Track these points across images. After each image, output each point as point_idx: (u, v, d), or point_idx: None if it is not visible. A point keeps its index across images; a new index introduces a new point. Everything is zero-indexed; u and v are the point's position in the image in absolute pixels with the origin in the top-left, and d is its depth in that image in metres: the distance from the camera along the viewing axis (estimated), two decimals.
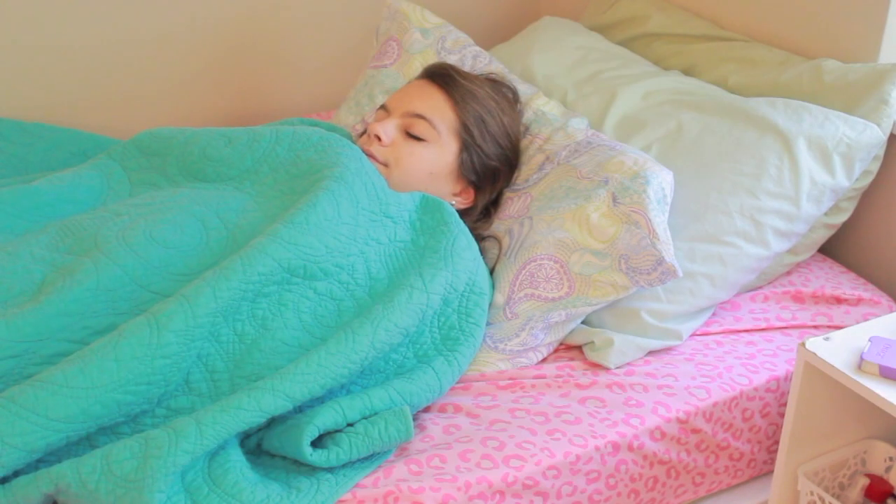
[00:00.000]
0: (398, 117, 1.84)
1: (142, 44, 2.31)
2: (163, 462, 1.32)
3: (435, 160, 1.82)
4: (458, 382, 1.65)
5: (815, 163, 1.83)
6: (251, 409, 1.39)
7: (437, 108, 1.83)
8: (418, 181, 1.81)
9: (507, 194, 1.89)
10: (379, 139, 1.81)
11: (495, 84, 1.93)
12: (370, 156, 1.80)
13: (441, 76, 1.87)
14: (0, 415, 1.33)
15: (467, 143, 1.83)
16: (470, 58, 2.10)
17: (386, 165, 1.80)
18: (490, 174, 1.86)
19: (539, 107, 1.98)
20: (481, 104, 1.85)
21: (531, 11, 2.64)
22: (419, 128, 1.81)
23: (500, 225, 1.84)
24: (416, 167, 1.81)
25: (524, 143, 1.93)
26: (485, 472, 1.46)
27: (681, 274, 1.68)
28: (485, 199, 1.87)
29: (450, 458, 1.48)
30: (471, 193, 1.86)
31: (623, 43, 2.29)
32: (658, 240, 1.67)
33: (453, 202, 1.84)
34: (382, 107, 1.88)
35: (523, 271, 1.71)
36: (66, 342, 1.45)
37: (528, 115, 1.97)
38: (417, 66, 2.09)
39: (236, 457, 1.41)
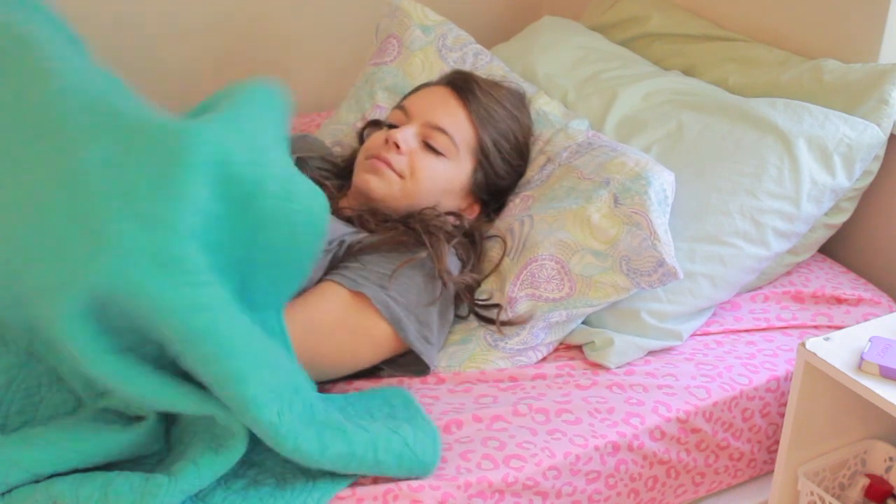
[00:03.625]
0: (418, 126, 1.81)
1: (140, 42, 2.31)
2: (159, 501, 1.31)
3: (450, 177, 1.80)
4: (458, 382, 1.65)
5: (816, 163, 1.83)
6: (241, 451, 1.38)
7: (459, 123, 1.81)
8: (431, 196, 1.79)
9: (511, 198, 1.88)
10: (397, 147, 1.78)
11: (513, 96, 1.91)
12: (386, 163, 1.77)
13: (465, 90, 1.84)
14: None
15: (482, 164, 1.82)
16: (471, 55, 2.10)
17: (401, 177, 1.78)
18: (499, 192, 1.86)
19: (540, 107, 1.98)
20: (501, 125, 1.84)
21: (532, 11, 2.64)
22: (439, 141, 1.79)
23: (500, 224, 1.84)
24: (431, 182, 1.78)
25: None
26: (485, 472, 1.46)
27: (682, 276, 1.68)
28: (489, 210, 1.87)
29: (450, 458, 1.48)
30: (476, 209, 1.86)
31: (623, 43, 2.29)
32: (659, 241, 1.67)
33: (463, 216, 1.82)
34: (401, 108, 1.85)
35: (524, 271, 1.71)
36: None
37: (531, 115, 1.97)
38: (418, 64, 2.08)
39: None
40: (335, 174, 1.96)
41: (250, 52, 2.44)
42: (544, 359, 1.73)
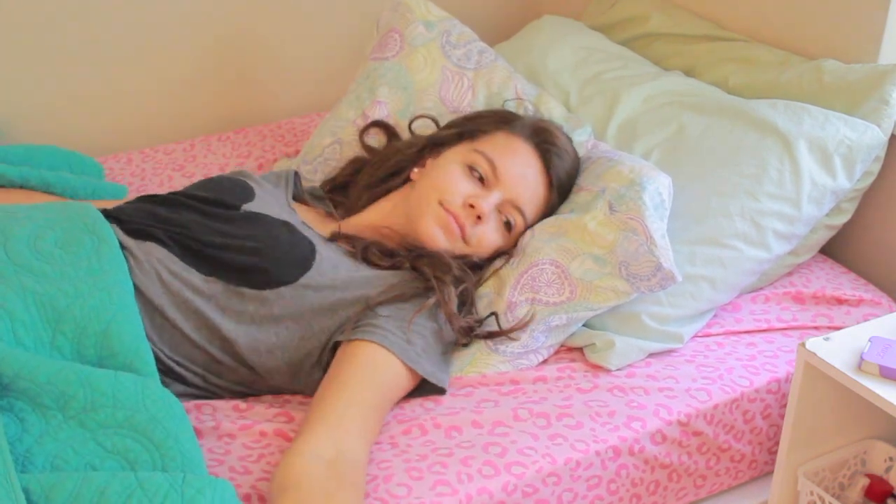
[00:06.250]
0: (502, 199, 1.73)
1: (139, 42, 2.31)
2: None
3: (503, 245, 1.78)
4: (459, 386, 1.65)
5: (816, 165, 1.83)
6: None
7: (537, 207, 1.77)
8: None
9: None
10: (479, 218, 1.72)
11: (576, 154, 1.87)
12: (460, 226, 1.71)
13: (555, 170, 1.78)
14: None
15: (531, 227, 1.79)
16: (475, 53, 2.08)
17: (467, 245, 1.73)
18: None
19: (549, 110, 1.97)
20: (567, 195, 1.82)
21: (532, 10, 2.64)
22: (516, 221, 1.75)
23: None
24: (487, 252, 1.75)
25: None
26: (486, 480, 1.46)
27: (680, 279, 1.68)
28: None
29: (450, 464, 1.48)
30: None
31: (623, 43, 2.28)
32: (656, 246, 1.66)
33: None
34: (489, 160, 1.74)
35: (525, 276, 1.71)
36: None
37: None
38: (420, 60, 2.05)
39: None
40: (333, 191, 1.95)
41: (249, 51, 2.44)
42: (545, 361, 1.73)
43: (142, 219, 1.67)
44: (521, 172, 1.76)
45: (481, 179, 1.75)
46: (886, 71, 1.86)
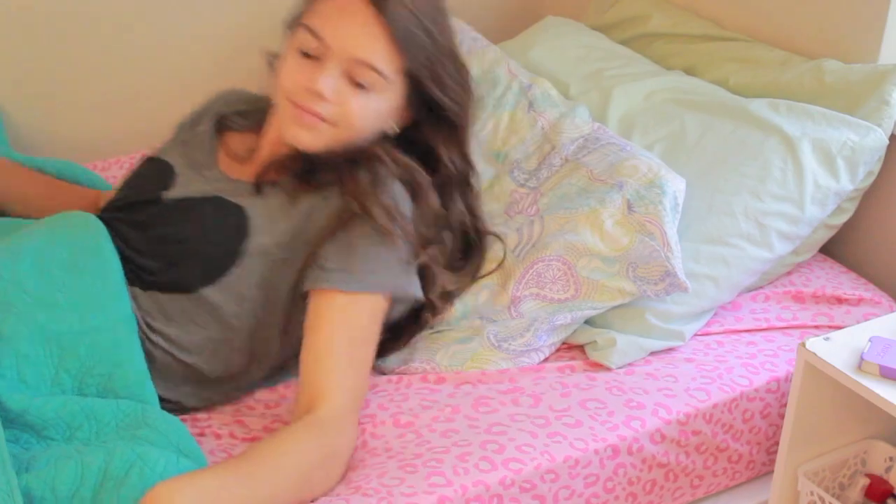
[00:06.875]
0: (339, 64, 1.59)
1: (140, 45, 2.31)
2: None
3: (384, 107, 1.63)
4: (458, 383, 1.65)
5: (819, 166, 1.82)
6: None
7: (382, 50, 1.59)
8: (368, 132, 1.63)
9: (517, 189, 1.86)
10: (322, 97, 1.58)
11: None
12: (315, 115, 1.59)
13: (407, 23, 1.60)
14: None
15: (414, 81, 1.64)
16: (469, 40, 2.08)
17: (335, 125, 1.60)
18: (443, 105, 1.69)
19: (546, 90, 1.98)
20: (437, 39, 1.65)
21: (533, 11, 2.64)
22: (367, 77, 1.59)
23: (509, 222, 1.83)
24: (366, 122, 1.62)
25: (528, 118, 1.87)
26: (483, 474, 1.46)
27: (690, 289, 1.68)
28: (437, 140, 1.71)
29: (447, 460, 1.48)
30: (408, 115, 1.69)
31: (624, 43, 2.28)
32: (672, 254, 1.67)
33: (394, 126, 1.68)
34: (313, 33, 1.60)
35: (530, 270, 1.71)
36: None
37: (534, 93, 1.96)
38: None
39: None
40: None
41: (249, 52, 2.43)
42: (545, 359, 1.73)
43: None
44: (347, 27, 1.59)
45: (316, 58, 1.60)
46: (887, 71, 1.86)
